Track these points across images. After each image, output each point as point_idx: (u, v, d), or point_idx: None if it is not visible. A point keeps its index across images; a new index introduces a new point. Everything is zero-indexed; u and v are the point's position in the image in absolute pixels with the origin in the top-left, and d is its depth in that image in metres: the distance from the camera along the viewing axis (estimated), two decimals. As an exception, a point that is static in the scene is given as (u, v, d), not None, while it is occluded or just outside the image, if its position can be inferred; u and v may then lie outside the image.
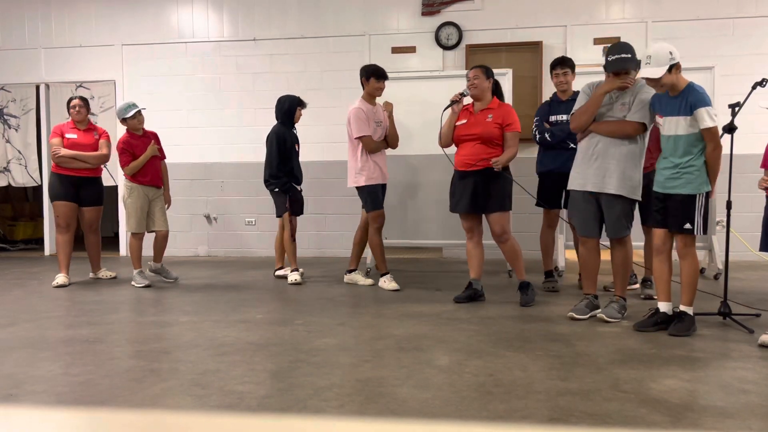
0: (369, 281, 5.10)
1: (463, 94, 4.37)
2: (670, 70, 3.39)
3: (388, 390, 2.52)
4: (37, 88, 7.57)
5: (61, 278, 5.25)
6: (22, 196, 9.46)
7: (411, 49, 6.89)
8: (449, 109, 4.44)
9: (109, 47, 7.42)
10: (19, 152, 7.63)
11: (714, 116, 3.36)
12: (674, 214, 3.47)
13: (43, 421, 0.72)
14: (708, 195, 3.46)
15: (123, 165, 5.17)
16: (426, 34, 6.86)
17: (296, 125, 5.44)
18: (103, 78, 7.41)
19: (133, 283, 5.21)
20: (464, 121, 4.32)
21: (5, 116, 7.65)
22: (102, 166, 5.54)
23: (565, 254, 5.85)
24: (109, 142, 5.58)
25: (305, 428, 0.69)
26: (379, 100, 5.05)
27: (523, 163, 6.48)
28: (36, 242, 8.63)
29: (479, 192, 4.24)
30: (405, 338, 3.36)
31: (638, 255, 6.48)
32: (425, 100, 5.62)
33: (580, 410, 2.28)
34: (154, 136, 5.38)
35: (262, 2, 7.17)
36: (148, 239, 5.39)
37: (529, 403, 2.35)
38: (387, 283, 4.91)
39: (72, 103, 5.40)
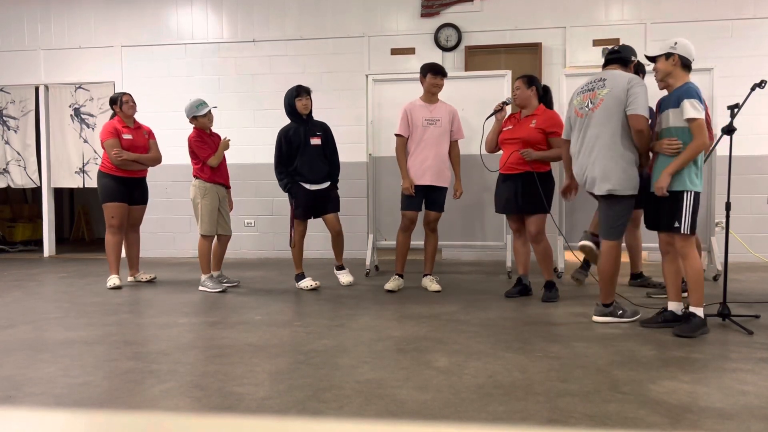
0: (437, 287, 4.91)
1: (505, 103, 4.70)
2: (667, 58, 3.47)
3: (387, 391, 2.52)
4: (37, 89, 7.57)
5: (115, 279, 5.15)
6: (21, 197, 9.46)
7: (410, 51, 6.90)
8: (492, 117, 4.73)
9: (108, 49, 7.43)
10: (18, 154, 7.63)
11: (698, 108, 3.35)
12: (664, 212, 3.49)
13: (42, 423, 0.71)
14: (698, 194, 3.44)
15: (204, 158, 4.96)
16: (425, 36, 6.87)
17: (305, 115, 5.02)
18: (103, 79, 7.41)
19: (202, 288, 4.98)
20: (510, 126, 4.58)
21: (4, 117, 7.65)
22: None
23: (565, 256, 5.86)
24: (157, 142, 5.46)
25: (304, 430, 0.69)
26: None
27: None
28: (35, 243, 8.64)
29: (521, 194, 4.47)
30: (404, 340, 3.36)
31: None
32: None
33: (579, 411, 2.28)
34: (217, 136, 5.20)
35: (261, 4, 7.17)
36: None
37: (528, 405, 2.35)
38: (389, 282, 4.93)
39: (124, 98, 5.19)
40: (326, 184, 5.08)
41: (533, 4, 6.69)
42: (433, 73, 4.84)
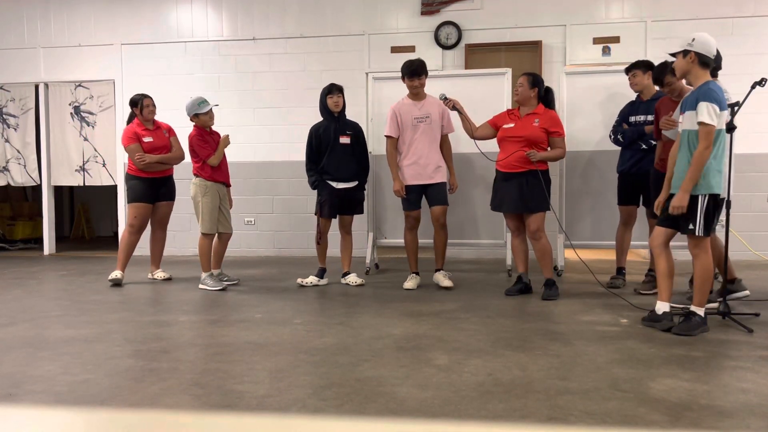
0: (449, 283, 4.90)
1: (444, 99, 4.74)
2: (684, 55, 3.38)
3: (387, 389, 2.52)
4: (36, 87, 7.57)
5: (118, 274, 5.20)
6: (21, 195, 9.46)
7: (410, 49, 6.89)
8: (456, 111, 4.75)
9: (108, 46, 7.42)
10: (18, 152, 7.63)
11: (714, 115, 3.26)
12: (681, 214, 3.46)
13: (42, 421, 0.72)
14: (716, 197, 3.38)
15: (205, 157, 4.96)
16: (425, 34, 6.86)
17: (336, 113, 5.05)
18: (103, 77, 7.41)
19: (203, 287, 4.98)
20: (512, 124, 4.53)
21: (4, 115, 7.65)
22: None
23: (565, 254, 5.85)
24: (177, 138, 5.47)
25: (304, 428, 0.69)
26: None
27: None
28: (35, 242, 8.63)
29: (523, 193, 4.44)
30: (404, 338, 3.36)
31: (636, 254, 6.49)
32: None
33: (579, 409, 2.28)
34: (217, 135, 5.19)
35: (261, 1, 7.16)
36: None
37: (528, 403, 2.36)
38: (407, 281, 4.94)
39: (145, 102, 5.23)
40: (353, 183, 5.10)
41: (533, 2, 6.68)
42: (409, 76, 4.82)
